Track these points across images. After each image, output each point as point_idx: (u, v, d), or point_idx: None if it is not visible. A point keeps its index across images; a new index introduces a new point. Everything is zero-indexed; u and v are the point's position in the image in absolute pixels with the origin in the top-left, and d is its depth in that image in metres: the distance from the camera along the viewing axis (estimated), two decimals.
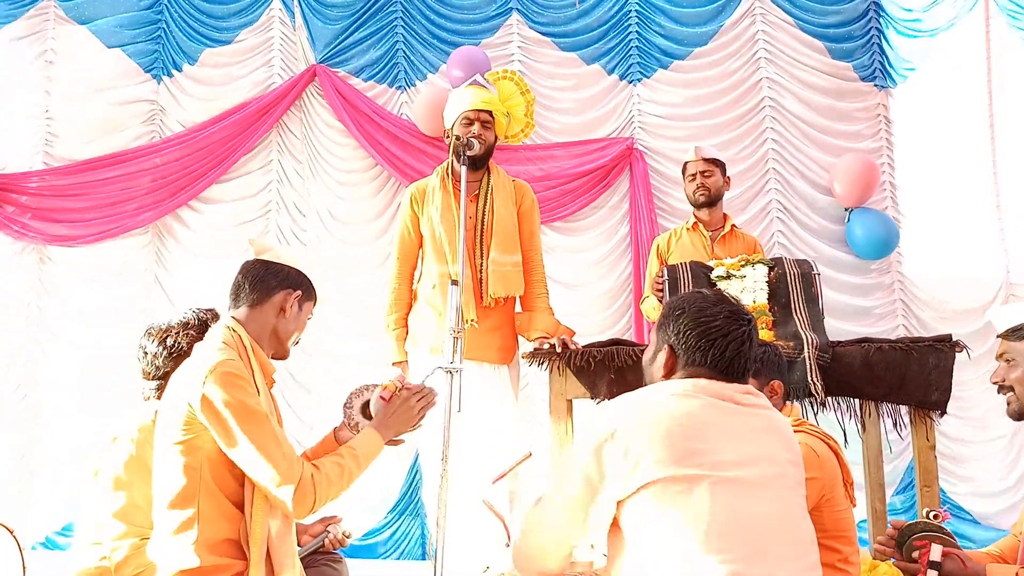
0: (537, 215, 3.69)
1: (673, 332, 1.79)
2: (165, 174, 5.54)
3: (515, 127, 3.70)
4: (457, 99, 3.59)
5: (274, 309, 2.13)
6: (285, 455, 1.92)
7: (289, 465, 1.92)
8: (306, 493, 1.93)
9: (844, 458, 2.54)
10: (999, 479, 5.00)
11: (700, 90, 5.44)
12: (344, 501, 5.39)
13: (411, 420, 2.20)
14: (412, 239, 3.60)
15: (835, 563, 2.37)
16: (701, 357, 1.75)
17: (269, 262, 2.16)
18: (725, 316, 1.77)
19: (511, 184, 3.64)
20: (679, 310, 1.82)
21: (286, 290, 2.14)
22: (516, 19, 5.57)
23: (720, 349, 1.75)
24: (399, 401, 2.18)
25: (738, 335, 1.76)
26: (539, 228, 3.72)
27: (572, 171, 5.37)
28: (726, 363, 1.75)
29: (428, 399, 2.22)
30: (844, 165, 5.20)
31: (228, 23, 5.71)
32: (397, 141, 5.44)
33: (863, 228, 5.18)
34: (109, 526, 2.34)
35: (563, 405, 3.38)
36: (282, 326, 2.15)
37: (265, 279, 2.13)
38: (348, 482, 2.04)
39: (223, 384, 1.91)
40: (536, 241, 3.66)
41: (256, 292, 2.12)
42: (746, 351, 1.77)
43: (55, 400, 5.50)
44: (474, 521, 3.14)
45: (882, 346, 3.25)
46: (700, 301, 1.82)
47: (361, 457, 2.08)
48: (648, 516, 1.61)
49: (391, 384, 2.21)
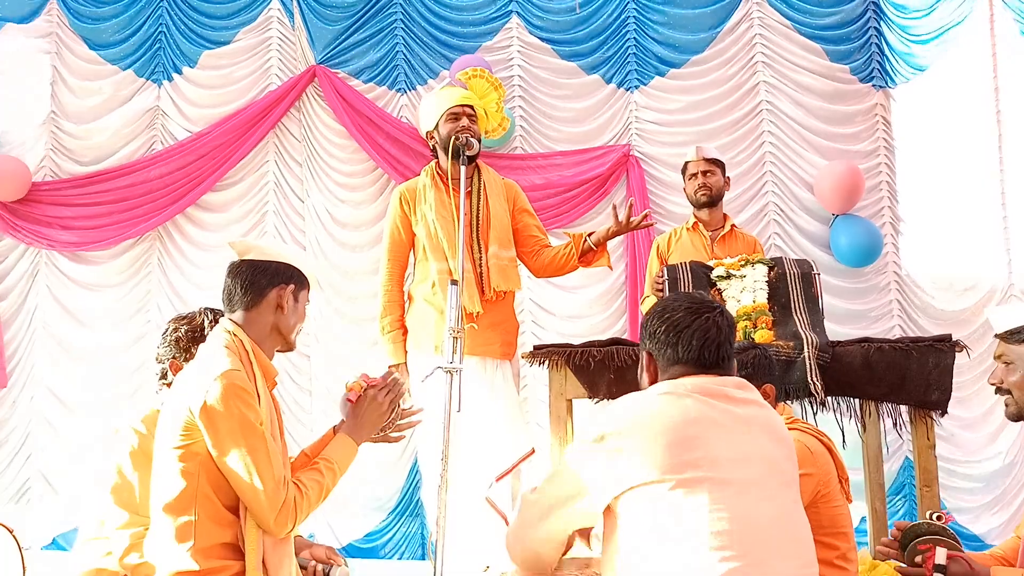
0: (528, 202, 3.74)
1: (647, 337, 1.85)
2: (167, 181, 5.56)
3: (492, 122, 3.69)
4: (436, 100, 3.57)
5: (271, 307, 2.11)
6: (274, 477, 1.92)
7: (275, 488, 1.92)
8: (287, 518, 1.95)
9: (838, 454, 2.55)
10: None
11: (697, 96, 5.45)
12: (344, 501, 5.41)
13: (383, 417, 2.20)
14: (403, 240, 3.58)
15: (832, 560, 2.38)
16: (673, 353, 1.80)
17: (255, 261, 2.14)
18: (684, 310, 1.82)
19: (501, 180, 3.65)
20: (648, 315, 1.88)
21: (278, 286, 2.12)
22: (516, 23, 5.58)
23: (687, 341, 1.78)
24: (366, 401, 2.18)
25: (701, 324, 1.79)
26: None
27: (573, 179, 5.37)
28: (696, 353, 1.78)
29: (395, 391, 2.21)
30: (828, 172, 5.18)
31: (226, 23, 5.72)
32: (397, 143, 5.44)
33: (846, 235, 5.16)
34: (112, 516, 2.34)
35: (563, 405, 3.38)
36: (283, 322, 2.14)
37: (255, 279, 2.11)
38: (326, 496, 2.08)
39: (226, 395, 1.91)
40: (540, 226, 3.73)
41: (249, 294, 2.10)
42: (714, 338, 1.79)
43: (58, 404, 5.51)
44: (474, 521, 3.14)
45: (882, 346, 3.25)
46: (664, 303, 1.88)
47: (338, 468, 2.11)
48: (645, 516, 1.63)
49: (356, 384, 2.19)
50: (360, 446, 2.18)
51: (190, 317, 2.51)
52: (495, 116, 3.67)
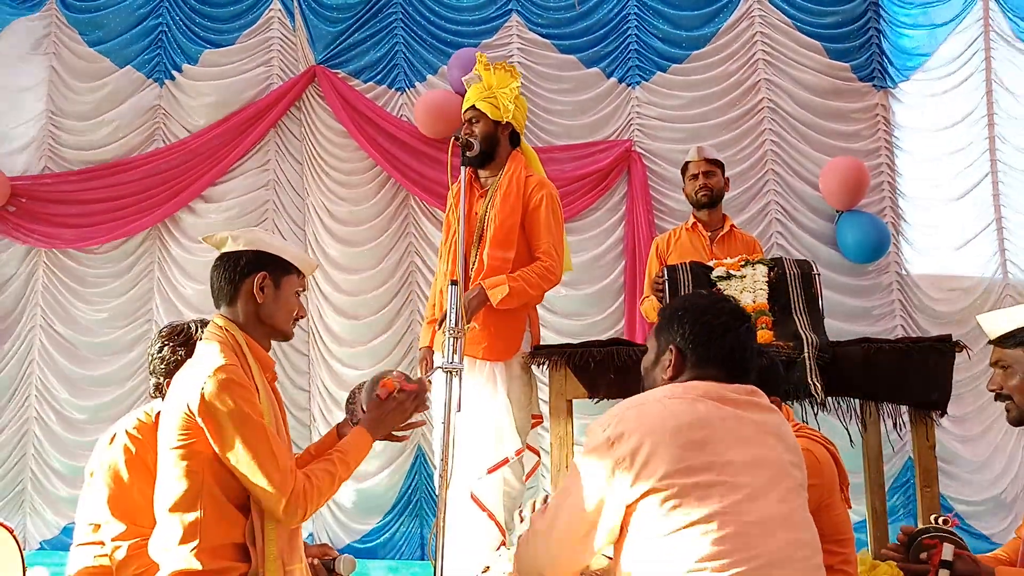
0: (547, 213, 3.47)
1: (678, 333, 1.81)
2: (166, 178, 5.56)
3: (510, 107, 3.50)
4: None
5: (248, 298, 2.08)
6: (280, 466, 1.92)
7: (283, 477, 1.91)
8: (297, 506, 1.94)
9: (842, 462, 2.54)
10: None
11: (698, 92, 5.44)
12: (344, 501, 5.42)
13: (402, 421, 2.20)
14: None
15: (835, 565, 2.37)
16: (707, 354, 1.78)
17: (227, 254, 2.12)
18: (728, 313, 1.82)
19: (524, 178, 3.49)
20: (681, 311, 1.84)
21: (250, 276, 2.09)
22: (516, 21, 5.57)
23: (728, 345, 1.78)
24: (394, 404, 2.17)
25: (742, 331, 1.80)
26: (550, 226, 3.47)
27: (573, 173, 5.36)
28: (733, 359, 1.78)
29: (420, 403, 2.21)
30: (833, 167, 5.17)
31: (228, 24, 5.72)
32: (396, 142, 5.44)
33: (852, 231, 5.16)
34: (109, 525, 2.33)
35: (563, 405, 3.38)
36: (264, 311, 2.09)
37: (227, 272, 2.09)
38: (338, 486, 2.07)
39: (222, 389, 1.90)
40: (539, 240, 3.46)
41: (227, 287, 2.09)
42: (749, 347, 1.81)
43: (56, 403, 5.51)
44: (474, 521, 3.14)
45: (882, 346, 3.24)
46: (701, 300, 1.86)
47: (351, 460, 2.09)
48: (655, 521, 1.62)
49: (390, 381, 2.18)
50: (375, 443, 2.16)
51: (183, 331, 2.49)
52: (512, 101, 3.51)
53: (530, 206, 3.47)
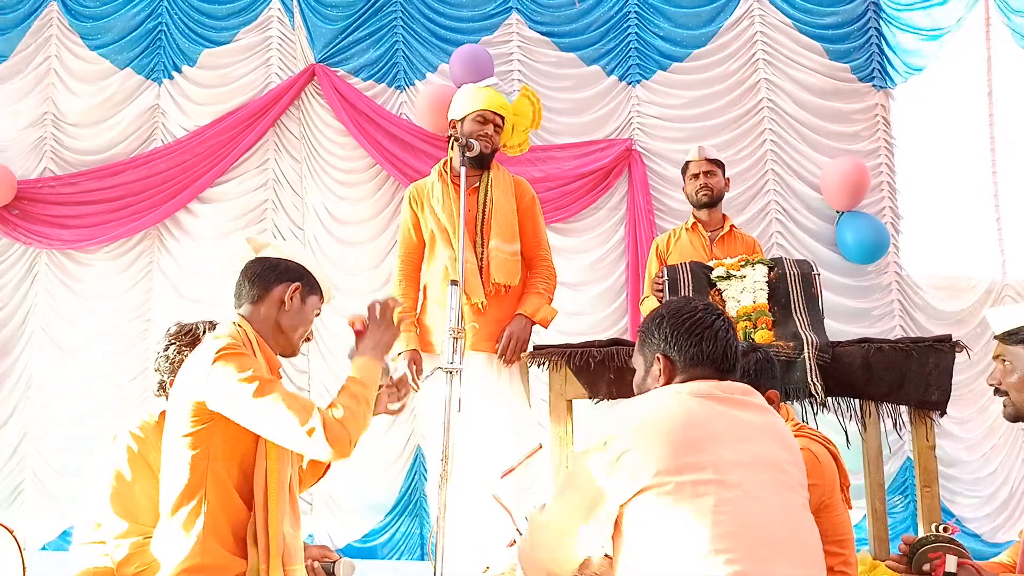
0: (539, 212, 3.63)
1: (661, 339, 1.82)
2: (166, 177, 5.57)
3: (515, 139, 3.67)
4: (473, 95, 3.52)
5: (274, 303, 2.11)
6: (303, 405, 1.90)
7: (308, 411, 1.88)
8: (336, 430, 1.87)
9: (842, 462, 2.54)
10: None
11: (699, 91, 5.44)
12: (344, 501, 5.40)
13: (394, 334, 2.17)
14: (414, 240, 3.58)
15: (835, 566, 2.37)
16: (697, 354, 1.79)
17: (267, 258, 2.16)
18: (703, 310, 1.83)
19: (511, 179, 3.61)
20: (658, 319, 1.85)
21: (284, 283, 2.12)
22: (516, 18, 5.57)
23: (711, 341, 1.79)
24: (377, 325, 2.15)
25: (721, 325, 1.81)
26: (542, 225, 3.65)
27: (572, 172, 5.36)
28: (720, 354, 1.79)
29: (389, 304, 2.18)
30: (834, 168, 5.18)
31: (227, 23, 5.72)
32: (396, 141, 5.44)
33: (852, 232, 5.16)
34: (111, 524, 2.33)
35: (563, 405, 3.37)
36: (285, 319, 2.13)
37: (263, 274, 2.12)
38: (367, 406, 1.99)
39: (227, 359, 1.92)
40: (538, 237, 3.60)
41: (256, 288, 2.11)
42: (732, 340, 1.82)
43: (56, 404, 5.51)
44: (475, 521, 3.14)
45: (882, 346, 3.24)
46: (674, 305, 1.87)
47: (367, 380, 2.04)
48: (650, 519, 1.62)
49: (356, 317, 2.17)
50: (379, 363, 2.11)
51: (190, 332, 2.50)
52: (520, 135, 3.64)
53: (522, 204, 3.57)
